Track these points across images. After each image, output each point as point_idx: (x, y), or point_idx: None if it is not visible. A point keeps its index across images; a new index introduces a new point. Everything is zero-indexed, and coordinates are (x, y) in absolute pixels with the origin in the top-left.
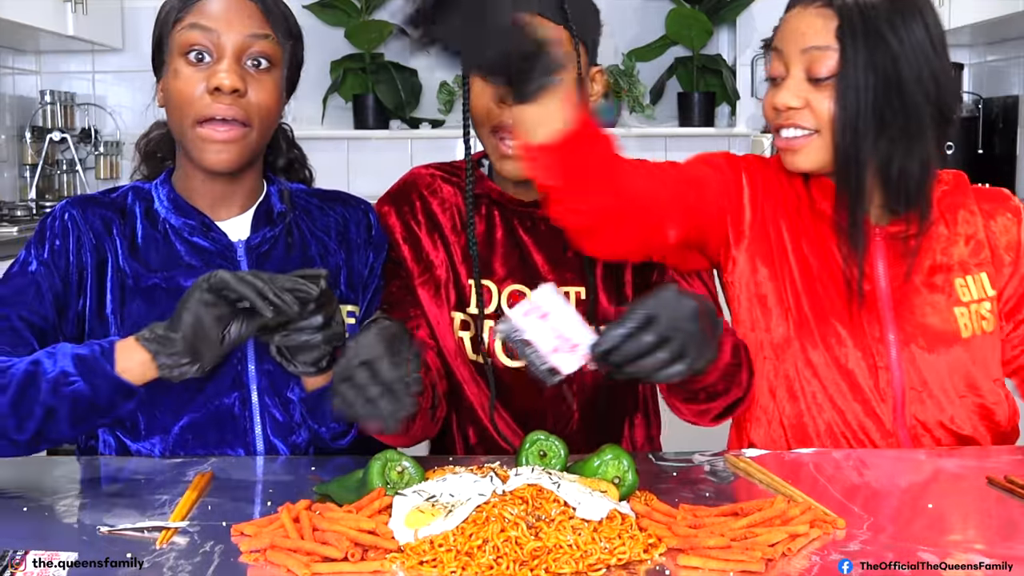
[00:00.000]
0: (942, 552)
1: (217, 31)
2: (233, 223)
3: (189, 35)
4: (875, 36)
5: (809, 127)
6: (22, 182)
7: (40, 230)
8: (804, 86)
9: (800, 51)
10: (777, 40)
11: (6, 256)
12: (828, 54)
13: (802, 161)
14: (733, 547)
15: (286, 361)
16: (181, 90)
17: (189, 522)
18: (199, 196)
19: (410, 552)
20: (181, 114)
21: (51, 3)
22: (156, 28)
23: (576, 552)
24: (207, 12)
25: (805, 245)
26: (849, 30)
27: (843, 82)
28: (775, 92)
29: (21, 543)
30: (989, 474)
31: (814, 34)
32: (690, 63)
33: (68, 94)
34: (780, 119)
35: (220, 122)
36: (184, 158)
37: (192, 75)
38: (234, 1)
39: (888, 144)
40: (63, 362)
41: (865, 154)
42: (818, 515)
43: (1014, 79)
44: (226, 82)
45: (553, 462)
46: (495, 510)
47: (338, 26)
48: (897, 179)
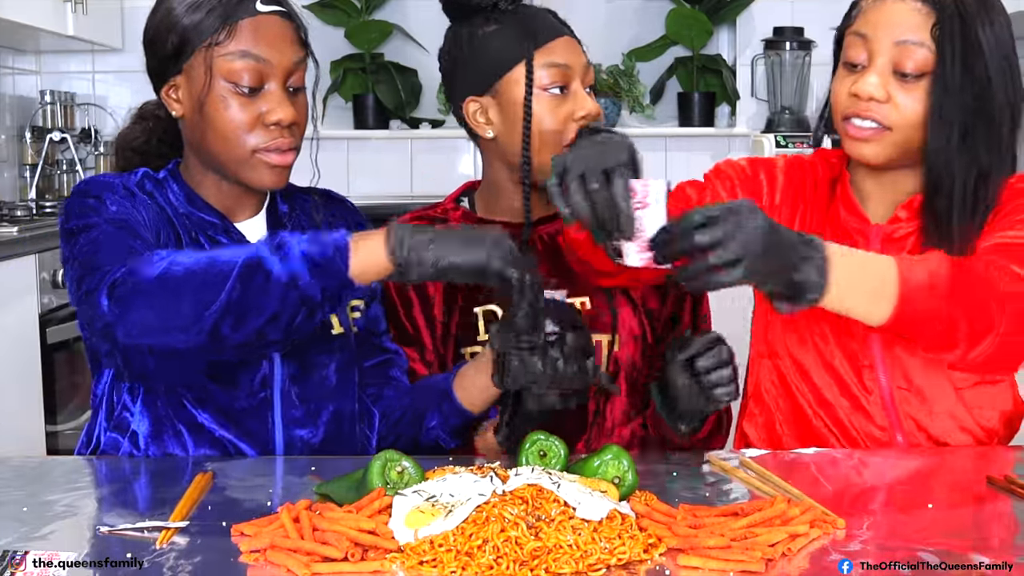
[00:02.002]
0: (942, 552)
1: (270, 61)
2: (248, 225)
3: (240, 65)
4: (971, 37)
5: (885, 123)
6: (22, 182)
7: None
8: (889, 78)
9: (892, 43)
10: (862, 25)
11: (6, 256)
12: (922, 51)
13: (870, 153)
14: (733, 547)
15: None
16: (232, 120)
17: (189, 522)
18: (213, 197)
19: (410, 552)
20: (231, 144)
21: (51, 3)
22: (173, 32)
23: (576, 552)
24: (254, 38)
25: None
26: (947, 29)
27: (938, 82)
28: (857, 78)
29: (21, 543)
30: (989, 474)
31: (910, 28)
32: (690, 63)
33: (68, 94)
34: (857, 107)
35: (276, 151)
36: (204, 163)
37: (244, 106)
38: (275, 23)
39: (973, 147)
40: (291, 260)
41: (953, 156)
42: (818, 515)
43: None
44: (284, 117)
45: (553, 462)
46: (495, 510)
47: (338, 26)
48: (976, 182)
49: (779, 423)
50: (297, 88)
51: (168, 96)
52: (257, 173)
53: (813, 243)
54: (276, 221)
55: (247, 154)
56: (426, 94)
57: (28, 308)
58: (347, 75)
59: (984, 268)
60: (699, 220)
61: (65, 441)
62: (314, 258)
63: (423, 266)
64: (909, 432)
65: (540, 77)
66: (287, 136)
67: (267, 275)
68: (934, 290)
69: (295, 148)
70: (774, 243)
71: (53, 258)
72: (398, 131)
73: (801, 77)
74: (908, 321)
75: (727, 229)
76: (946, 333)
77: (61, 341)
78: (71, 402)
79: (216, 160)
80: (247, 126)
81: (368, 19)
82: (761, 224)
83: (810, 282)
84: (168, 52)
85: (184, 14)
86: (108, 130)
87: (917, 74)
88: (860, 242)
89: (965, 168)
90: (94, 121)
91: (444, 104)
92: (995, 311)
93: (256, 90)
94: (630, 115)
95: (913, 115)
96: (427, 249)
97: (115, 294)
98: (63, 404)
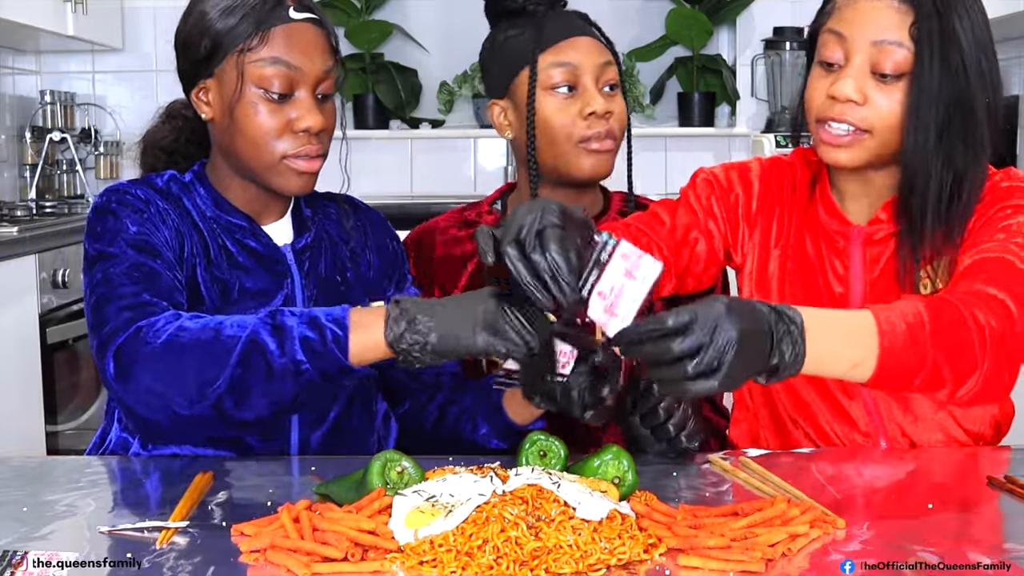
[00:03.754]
0: (942, 552)
1: (301, 69)
2: (274, 228)
3: (271, 72)
4: (949, 33)
5: (862, 126)
6: (22, 182)
7: (118, 203)
8: (867, 79)
9: (869, 42)
10: (838, 23)
11: (6, 256)
12: (900, 51)
13: (845, 158)
14: (733, 547)
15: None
16: (262, 126)
17: (189, 522)
18: (240, 200)
19: (410, 552)
20: (260, 149)
21: (51, 3)
22: (207, 35)
23: (576, 552)
24: (286, 45)
25: (785, 245)
26: (926, 27)
27: (916, 84)
28: (832, 80)
29: (21, 543)
30: (989, 474)
31: (888, 27)
32: (690, 63)
33: (68, 94)
34: (832, 111)
35: (305, 157)
36: (232, 166)
37: (273, 112)
38: (308, 31)
39: (950, 148)
40: (291, 347)
41: (931, 158)
42: (818, 515)
43: (1014, 79)
44: (314, 124)
45: (553, 462)
46: (495, 510)
47: (338, 26)
48: (952, 184)
49: (762, 430)
50: (326, 95)
51: (198, 99)
52: (285, 179)
53: (788, 317)
54: (301, 224)
55: (275, 160)
56: (426, 94)
57: (28, 308)
58: (347, 75)
59: (963, 303)
60: (672, 327)
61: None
62: (313, 347)
63: (423, 355)
64: (893, 438)
65: (548, 77)
66: (315, 143)
67: (268, 361)
68: (915, 339)
69: (323, 155)
70: (750, 340)
71: (53, 258)
72: (398, 131)
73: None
74: (891, 375)
75: (701, 338)
76: (931, 379)
77: (61, 341)
78: (71, 402)
79: (244, 165)
80: (276, 132)
81: (368, 19)
82: (735, 330)
83: (785, 363)
84: (200, 56)
85: (218, 19)
86: (108, 130)
87: (896, 74)
88: (840, 243)
89: (941, 169)
90: (94, 121)
91: (444, 104)
92: (978, 350)
93: (286, 96)
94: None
95: (891, 117)
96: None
97: (121, 361)
98: (63, 404)
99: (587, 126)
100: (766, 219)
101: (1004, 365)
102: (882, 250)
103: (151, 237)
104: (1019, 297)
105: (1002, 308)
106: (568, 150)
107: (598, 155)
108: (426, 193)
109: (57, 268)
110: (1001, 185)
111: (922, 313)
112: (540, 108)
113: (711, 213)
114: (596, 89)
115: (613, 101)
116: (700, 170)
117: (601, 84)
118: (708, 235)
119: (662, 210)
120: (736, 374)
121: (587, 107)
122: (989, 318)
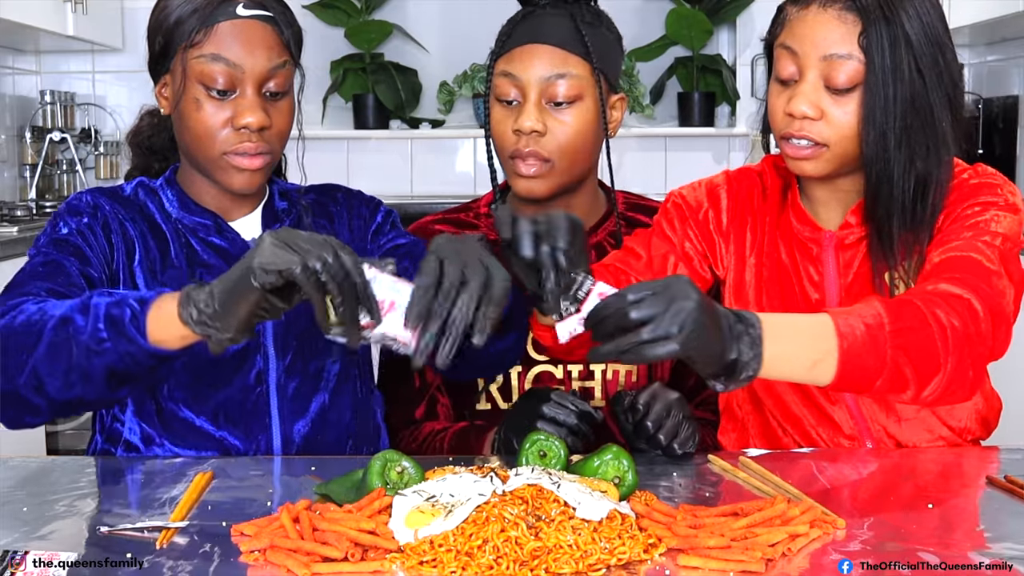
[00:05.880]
0: (942, 552)
1: (241, 66)
2: (243, 223)
3: (211, 68)
4: (899, 40)
5: (820, 140)
6: (22, 182)
7: (66, 209)
8: (821, 94)
9: (819, 57)
10: (789, 38)
11: (6, 256)
12: (851, 63)
13: (811, 168)
14: (733, 547)
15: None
16: (203, 122)
17: (189, 522)
18: (208, 198)
19: (410, 552)
20: (203, 145)
21: (51, 3)
22: (161, 32)
23: (576, 552)
24: (228, 42)
25: (760, 254)
26: (874, 35)
27: (869, 93)
28: (788, 96)
29: (21, 543)
30: (989, 474)
31: (837, 40)
32: (690, 63)
33: (68, 94)
34: (791, 128)
35: (244, 155)
36: (188, 162)
37: (215, 109)
38: (256, 28)
39: (910, 151)
40: (93, 320)
41: (892, 163)
42: (818, 515)
43: (1014, 79)
44: (253, 121)
45: (553, 462)
46: (495, 510)
47: (338, 26)
48: (915, 186)
49: (751, 437)
50: (277, 93)
51: (160, 94)
52: (227, 175)
53: (746, 319)
54: (273, 217)
55: (216, 155)
56: (426, 94)
57: None
58: (347, 75)
59: (925, 303)
60: (632, 298)
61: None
62: (115, 322)
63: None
64: (878, 440)
65: (496, 86)
66: (255, 141)
67: (73, 336)
68: (874, 340)
69: (267, 152)
70: (707, 318)
71: None
72: (398, 131)
73: None
74: (853, 378)
75: (659, 306)
76: (893, 380)
77: None
78: None
79: (193, 160)
80: (217, 128)
81: (368, 19)
82: (694, 300)
83: (743, 361)
84: (156, 51)
85: (172, 14)
86: (108, 130)
87: (849, 87)
88: (814, 250)
89: (904, 174)
90: (94, 121)
91: (444, 104)
92: (940, 350)
93: (228, 93)
94: (630, 115)
95: (848, 128)
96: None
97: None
98: None
99: (515, 142)
100: (739, 230)
101: (968, 364)
102: (854, 254)
103: (75, 238)
104: (984, 295)
105: (966, 307)
106: (507, 164)
107: (525, 178)
108: (426, 193)
109: None
110: (970, 182)
111: (881, 314)
112: (492, 115)
113: (685, 235)
114: (535, 104)
115: (552, 119)
116: (670, 195)
117: (545, 99)
118: (686, 258)
119: (636, 244)
120: (692, 344)
121: (515, 123)
122: (952, 318)
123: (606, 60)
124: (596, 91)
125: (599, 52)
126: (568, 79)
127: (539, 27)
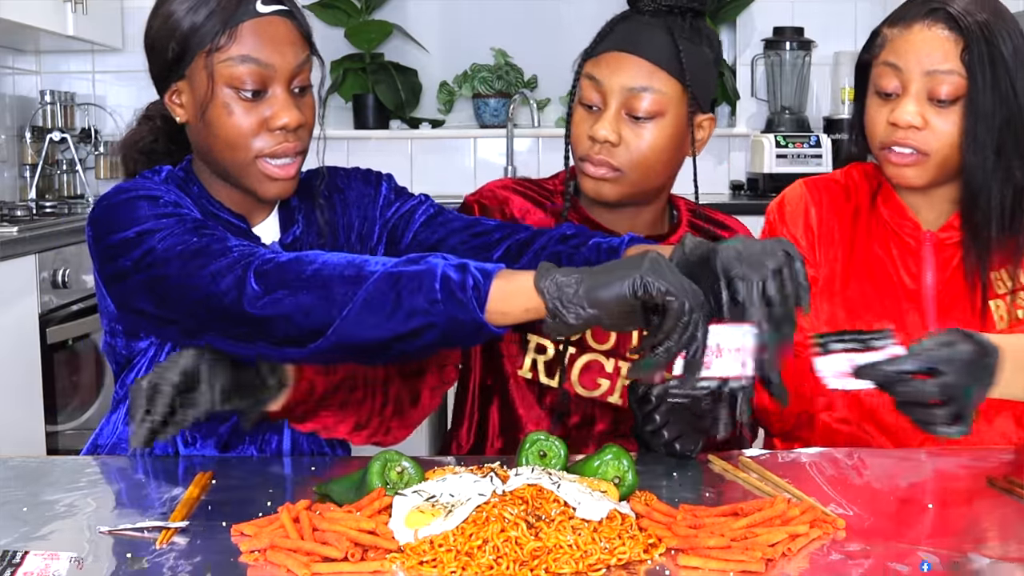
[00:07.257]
0: (942, 552)
1: (272, 65)
2: (262, 228)
3: (240, 70)
4: (997, 56)
5: (923, 148)
6: (22, 182)
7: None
8: (925, 106)
9: (923, 72)
10: (891, 55)
11: (6, 256)
12: (953, 77)
13: (913, 175)
14: (733, 547)
15: None
16: (236, 127)
17: (189, 522)
18: (227, 200)
19: (410, 552)
20: (236, 151)
21: (51, 3)
22: (174, 39)
23: (576, 552)
24: (255, 42)
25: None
26: (977, 54)
27: (970, 108)
28: (891, 108)
29: (21, 543)
30: (989, 474)
31: (941, 57)
32: None
33: (68, 94)
34: (895, 136)
35: (281, 159)
36: (212, 169)
37: (246, 112)
38: (278, 24)
39: (1008, 161)
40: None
41: (989, 174)
42: (818, 515)
43: None
44: (290, 121)
45: (553, 462)
46: (495, 510)
47: (338, 26)
48: (1014, 194)
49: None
50: (303, 88)
51: (172, 102)
52: (260, 184)
53: (990, 350)
54: (289, 218)
55: (249, 161)
56: (426, 94)
57: (28, 308)
58: (347, 75)
59: None
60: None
61: (65, 441)
62: (452, 288)
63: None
64: None
65: (581, 88)
66: (292, 140)
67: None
68: None
69: (301, 152)
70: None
71: (53, 258)
72: (398, 131)
73: (801, 77)
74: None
75: (951, 387)
76: None
77: (61, 341)
78: (71, 402)
79: (222, 168)
80: (252, 132)
81: (368, 19)
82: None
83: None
84: (169, 58)
85: (184, 18)
86: (108, 130)
87: (951, 100)
88: (912, 245)
89: (1001, 184)
90: (94, 121)
91: (444, 104)
92: None
93: (260, 94)
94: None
95: (949, 137)
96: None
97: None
98: (63, 404)
99: (589, 147)
100: (827, 231)
101: None
102: (953, 253)
103: (173, 207)
104: None
105: None
106: (578, 164)
107: (593, 180)
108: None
109: (57, 268)
110: None
111: None
112: (573, 115)
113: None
114: (614, 114)
115: (629, 130)
116: (768, 211)
117: (626, 110)
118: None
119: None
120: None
121: (590, 129)
122: None
123: (697, 79)
124: (681, 109)
125: (692, 70)
126: (651, 94)
127: (632, 35)
